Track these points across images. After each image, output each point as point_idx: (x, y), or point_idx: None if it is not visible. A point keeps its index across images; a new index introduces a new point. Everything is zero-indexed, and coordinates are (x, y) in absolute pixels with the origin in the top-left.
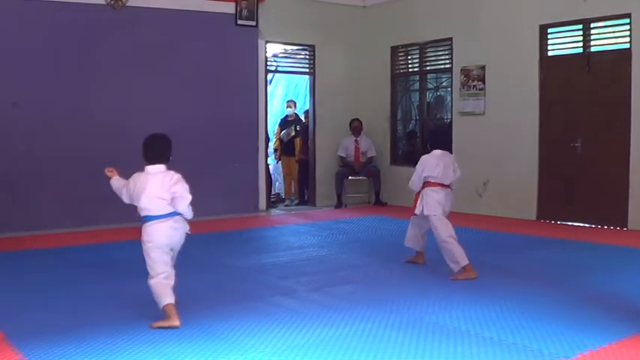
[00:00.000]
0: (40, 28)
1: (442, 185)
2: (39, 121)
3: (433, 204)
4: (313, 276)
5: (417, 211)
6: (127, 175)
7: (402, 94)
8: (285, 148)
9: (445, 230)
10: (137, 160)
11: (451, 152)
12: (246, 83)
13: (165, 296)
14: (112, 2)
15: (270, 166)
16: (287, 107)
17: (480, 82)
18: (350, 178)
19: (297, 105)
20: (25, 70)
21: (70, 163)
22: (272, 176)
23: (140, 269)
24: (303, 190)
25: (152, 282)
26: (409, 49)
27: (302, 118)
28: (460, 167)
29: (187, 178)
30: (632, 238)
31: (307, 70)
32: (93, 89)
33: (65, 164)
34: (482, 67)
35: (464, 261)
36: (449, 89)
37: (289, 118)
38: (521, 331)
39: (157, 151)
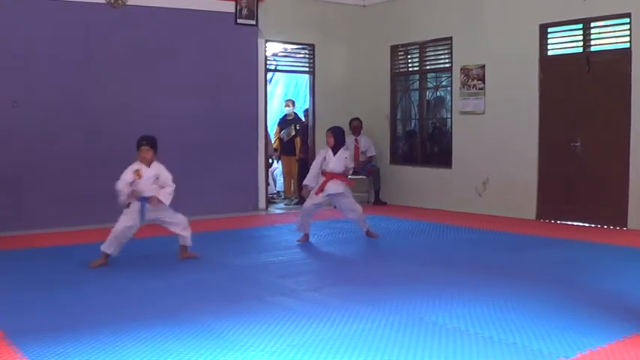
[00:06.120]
0: (40, 27)
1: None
2: (38, 120)
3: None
4: (312, 275)
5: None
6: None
7: (401, 93)
8: (285, 148)
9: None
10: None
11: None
12: (246, 82)
13: None
14: (112, 1)
15: (275, 170)
16: (285, 106)
17: (479, 82)
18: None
19: (295, 104)
20: (24, 69)
21: (69, 162)
22: (273, 176)
23: (139, 268)
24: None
25: None
26: (409, 48)
27: (302, 117)
28: (460, 166)
29: (187, 176)
30: (632, 238)
31: (307, 69)
32: (92, 88)
33: (65, 163)
34: (482, 67)
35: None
36: (449, 89)
37: (288, 118)
38: (520, 330)
39: None
